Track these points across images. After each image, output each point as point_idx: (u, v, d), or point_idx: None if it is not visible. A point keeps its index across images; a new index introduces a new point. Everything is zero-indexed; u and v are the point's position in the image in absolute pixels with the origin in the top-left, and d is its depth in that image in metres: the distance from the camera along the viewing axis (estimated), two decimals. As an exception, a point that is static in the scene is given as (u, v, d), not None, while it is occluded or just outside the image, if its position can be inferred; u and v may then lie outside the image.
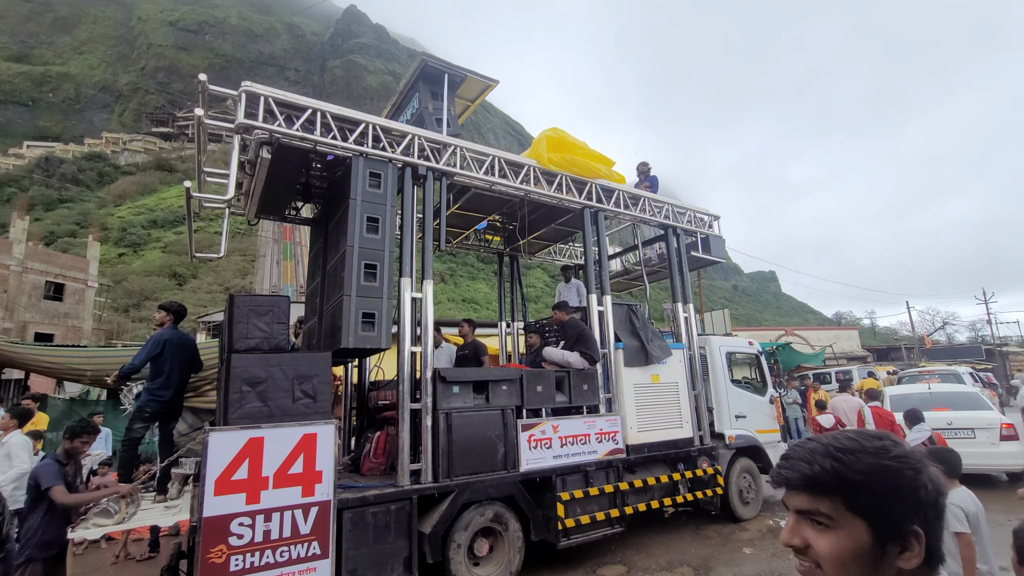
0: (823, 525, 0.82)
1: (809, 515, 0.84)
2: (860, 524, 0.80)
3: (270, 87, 4.67)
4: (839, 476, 0.81)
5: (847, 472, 0.81)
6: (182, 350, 5.32)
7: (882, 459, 0.82)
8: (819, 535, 0.83)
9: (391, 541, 4.34)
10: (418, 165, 5.36)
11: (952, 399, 8.75)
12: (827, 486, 0.82)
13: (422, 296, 5.11)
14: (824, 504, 0.82)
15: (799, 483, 0.85)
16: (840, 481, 0.81)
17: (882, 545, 0.80)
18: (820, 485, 0.83)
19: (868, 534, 0.80)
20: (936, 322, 53.49)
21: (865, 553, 0.80)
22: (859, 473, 0.81)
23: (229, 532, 3.63)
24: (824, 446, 0.85)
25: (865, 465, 0.81)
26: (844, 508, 0.81)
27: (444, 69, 6.24)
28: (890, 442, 0.85)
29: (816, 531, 0.83)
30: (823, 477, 0.82)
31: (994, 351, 34.32)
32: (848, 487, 0.81)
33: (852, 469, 0.81)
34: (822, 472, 0.82)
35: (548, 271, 48.34)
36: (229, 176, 4.58)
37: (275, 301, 4.36)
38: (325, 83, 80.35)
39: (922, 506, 0.80)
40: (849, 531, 0.80)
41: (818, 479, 0.83)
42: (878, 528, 0.80)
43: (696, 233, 8.04)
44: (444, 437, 4.81)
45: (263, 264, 34.78)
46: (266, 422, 3.94)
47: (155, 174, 56.72)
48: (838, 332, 40.06)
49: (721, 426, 7.22)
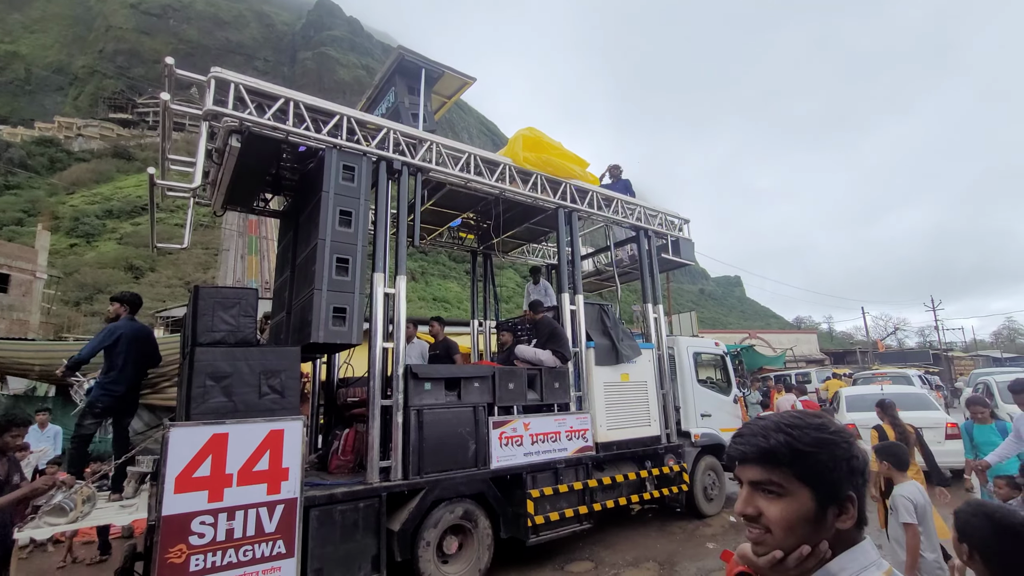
0: (775, 494, 0.91)
1: (762, 485, 0.93)
2: (806, 491, 0.90)
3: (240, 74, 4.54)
4: (791, 448, 0.91)
5: (797, 444, 0.91)
6: (138, 342, 5.09)
7: (823, 433, 0.92)
8: (771, 503, 0.92)
9: (359, 539, 4.27)
10: (393, 159, 5.30)
11: (902, 400, 9.17)
12: (780, 457, 0.91)
13: (395, 292, 5.05)
14: (776, 474, 0.91)
15: (755, 456, 0.94)
16: (792, 452, 0.90)
17: (824, 509, 0.90)
18: (774, 457, 0.92)
19: (812, 500, 0.89)
20: (888, 327, 56.14)
21: (810, 517, 0.89)
22: (807, 445, 0.90)
23: (189, 531, 3.51)
24: (775, 423, 0.95)
25: (811, 438, 0.91)
26: (793, 477, 0.90)
27: (421, 64, 6.20)
28: (827, 419, 0.96)
29: (768, 500, 0.92)
30: (777, 449, 0.91)
31: (940, 356, 36.25)
32: (797, 457, 0.90)
33: (801, 442, 0.91)
34: (777, 445, 0.92)
35: (520, 271, 48.49)
36: (196, 164, 4.43)
37: (242, 294, 4.23)
38: (296, 75, 78.43)
39: (855, 473, 0.91)
40: (797, 497, 0.90)
41: (773, 451, 0.92)
42: (821, 494, 0.90)
43: (667, 236, 8.21)
44: (415, 434, 4.77)
45: (226, 258, 33.72)
46: (231, 418, 3.82)
47: (112, 161, 54.19)
48: (798, 336, 41.59)
49: (687, 424, 7.40)
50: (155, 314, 21.78)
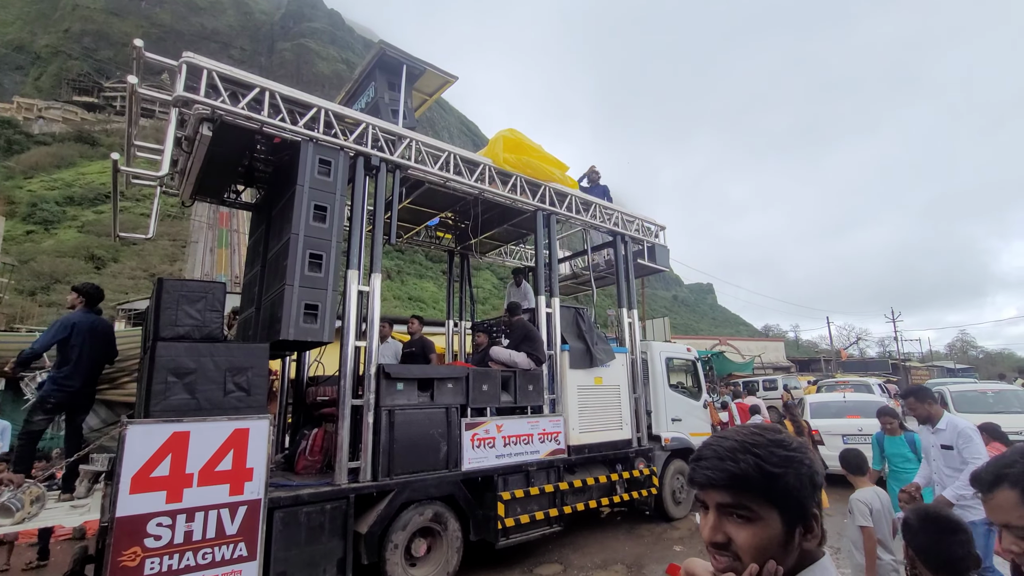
0: (745, 519, 0.87)
1: (731, 509, 0.88)
2: (774, 513, 0.87)
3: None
4: (760, 470, 0.87)
5: (766, 466, 0.87)
6: (94, 336, 4.88)
7: (787, 450, 0.89)
8: (740, 528, 0.87)
9: (325, 542, 4.17)
10: (371, 155, 5.21)
11: (863, 407, 9.65)
12: (751, 481, 0.87)
13: (369, 290, 4.97)
14: (746, 497, 0.87)
15: (724, 481, 0.89)
16: (762, 475, 0.87)
17: (791, 530, 0.87)
18: (745, 481, 0.87)
19: (781, 522, 0.87)
20: (851, 337, 58.14)
21: (779, 539, 0.87)
22: (775, 465, 0.87)
23: (145, 533, 3.36)
24: (740, 443, 0.90)
25: (778, 457, 0.88)
26: (763, 500, 0.87)
27: (403, 60, 6.12)
28: (785, 435, 0.93)
29: (737, 525, 0.88)
30: (748, 473, 0.87)
31: (899, 365, 37.70)
32: (768, 480, 0.87)
33: (769, 463, 0.87)
34: (747, 468, 0.87)
35: (497, 273, 48.45)
36: (164, 151, 4.27)
37: (209, 287, 4.09)
38: (273, 65, 76.77)
39: (816, 489, 0.90)
40: (767, 521, 0.87)
41: (744, 475, 0.87)
42: (788, 515, 0.87)
43: (643, 242, 8.31)
44: (386, 435, 4.70)
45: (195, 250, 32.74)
46: (193, 415, 3.69)
47: (74, 146, 51.93)
48: (766, 343, 42.66)
49: (658, 428, 7.49)
50: (117, 306, 20.98)
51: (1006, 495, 1.08)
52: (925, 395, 4.15)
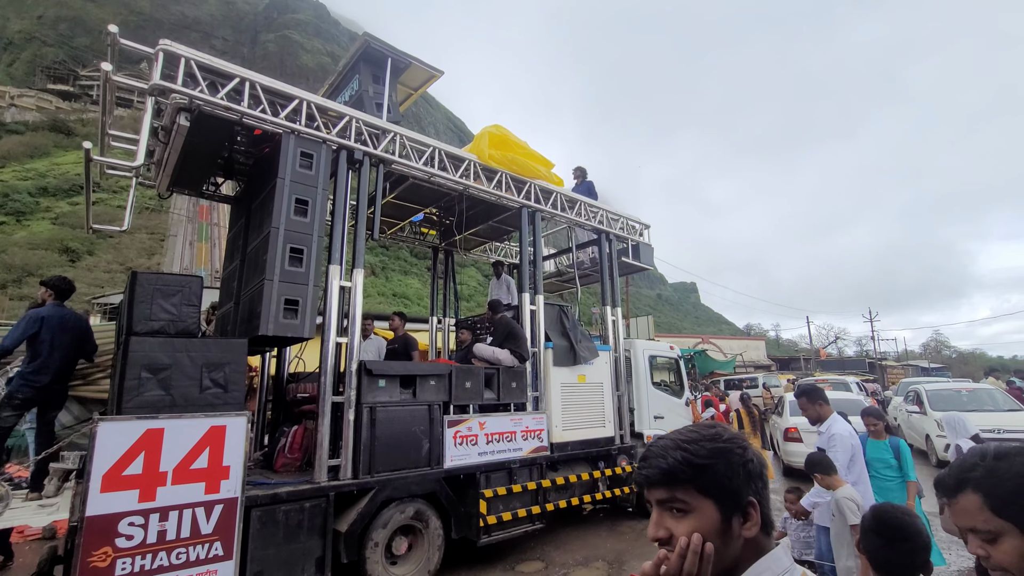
0: (681, 512, 0.93)
1: (668, 504, 0.94)
2: (709, 503, 0.91)
3: (193, 50, 4.29)
4: (689, 463, 0.92)
5: (694, 458, 0.92)
6: (65, 330, 4.74)
7: (718, 443, 0.94)
8: (679, 522, 0.93)
9: (303, 541, 4.11)
10: (354, 149, 5.14)
11: (840, 406, 9.79)
12: (680, 474, 0.92)
13: (351, 285, 4.91)
14: (679, 491, 0.93)
15: (658, 478, 0.95)
16: (690, 467, 0.92)
17: (728, 519, 0.91)
18: (674, 475, 0.93)
19: (717, 511, 0.91)
20: (830, 337, 59.29)
21: (717, 529, 0.90)
22: (703, 457, 0.92)
23: (116, 532, 3.28)
24: (672, 441, 0.97)
25: (707, 450, 0.93)
26: (696, 491, 0.92)
27: (388, 53, 6.04)
28: (721, 429, 0.98)
29: (676, 519, 0.93)
30: (676, 467, 0.93)
31: (875, 364, 38.57)
32: (696, 471, 0.92)
33: (698, 455, 0.92)
34: (675, 463, 0.93)
35: (482, 270, 48.34)
36: (139, 141, 4.16)
37: (186, 281, 3.99)
38: (256, 57, 75.47)
39: (752, 478, 0.94)
40: (702, 512, 0.91)
41: (672, 470, 0.93)
42: (724, 504, 0.91)
43: (628, 240, 8.35)
44: (367, 432, 4.64)
45: (173, 244, 32.11)
46: (168, 412, 3.61)
47: (49, 136, 50.46)
48: (748, 342, 43.31)
49: (641, 426, 7.54)
50: (92, 300, 20.48)
51: (969, 499, 1.07)
52: (816, 395, 4.05)
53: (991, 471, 1.06)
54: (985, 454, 1.10)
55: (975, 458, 1.11)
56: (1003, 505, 1.03)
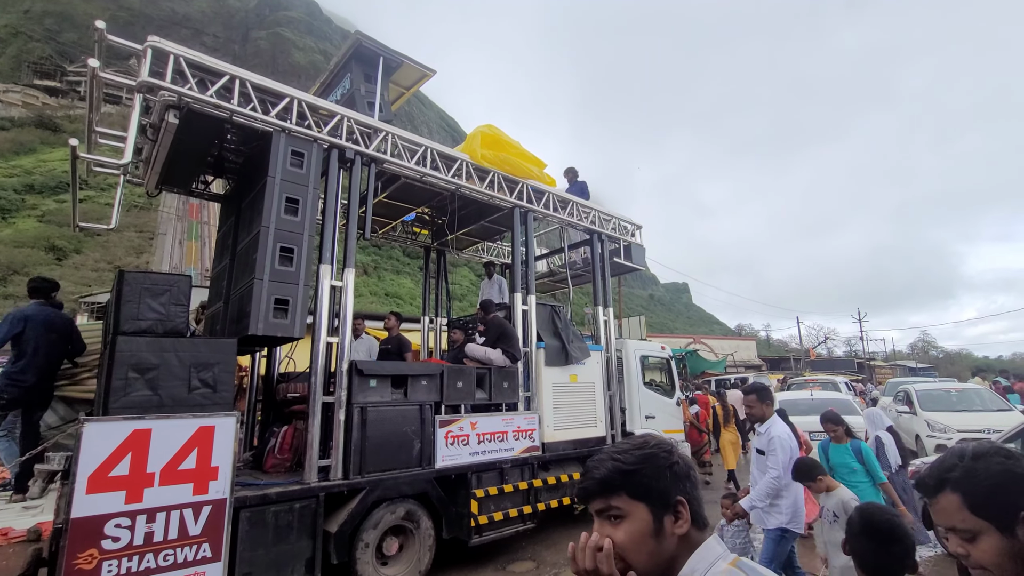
0: (617, 518, 0.99)
1: (606, 513, 1.01)
2: (642, 507, 0.98)
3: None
4: (619, 471, 1.00)
5: (623, 466, 1.00)
6: (49, 329, 4.69)
7: (644, 449, 1.03)
8: (616, 529, 0.99)
9: (293, 542, 4.09)
10: (346, 148, 5.12)
11: (827, 404, 9.98)
12: (613, 482, 1.00)
13: (342, 285, 4.88)
14: (614, 499, 1.00)
15: (594, 488, 1.02)
16: (620, 474, 1.00)
17: (660, 519, 0.98)
18: (608, 483, 1.01)
19: (649, 513, 0.98)
20: (820, 337, 59.86)
21: (650, 530, 0.97)
22: (631, 464, 1.00)
23: (102, 534, 3.24)
24: (606, 454, 1.05)
25: (634, 457, 1.01)
26: (628, 497, 0.99)
27: (379, 51, 6.02)
28: (649, 438, 1.08)
29: (613, 526, 1.00)
30: (608, 476, 1.01)
31: (864, 364, 38.98)
32: (626, 477, 1.00)
33: (626, 463, 1.01)
34: (607, 472, 1.01)
35: (475, 270, 48.27)
36: (127, 139, 4.11)
37: (174, 280, 3.95)
38: (247, 54, 74.79)
39: (679, 478, 1.01)
40: (636, 516, 0.98)
41: (606, 479, 1.01)
42: (655, 505, 0.98)
43: (619, 240, 8.37)
44: (357, 432, 4.63)
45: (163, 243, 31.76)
46: (156, 412, 3.57)
47: (35, 132, 49.67)
48: (739, 342, 43.62)
49: (632, 425, 7.56)
50: (78, 299, 20.22)
51: (949, 499, 1.09)
52: (766, 395, 3.97)
53: (969, 471, 1.08)
54: (963, 454, 1.11)
55: (954, 458, 1.12)
56: (981, 504, 1.04)
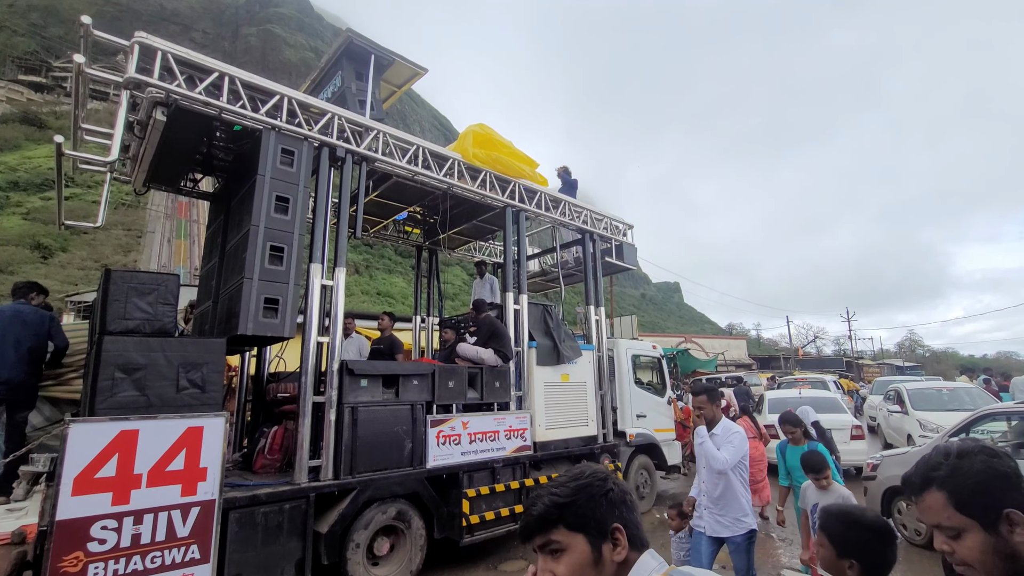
0: (558, 551, 0.99)
1: (547, 548, 1.00)
2: (580, 538, 0.98)
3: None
4: (555, 504, 1.00)
5: (559, 499, 1.00)
6: (23, 324, 4.64)
7: (579, 480, 1.03)
8: (558, 563, 0.99)
9: (283, 543, 4.06)
10: (337, 146, 5.09)
11: (817, 403, 10.06)
12: (551, 516, 1.00)
13: (333, 284, 4.85)
14: (552, 533, 1.00)
15: (534, 524, 1.02)
16: (558, 508, 1.00)
17: (599, 548, 0.98)
18: (546, 518, 1.01)
19: (587, 544, 0.98)
20: (809, 336, 60.45)
21: (590, 560, 0.97)
22: (566, 496, 1.00)
23: (89, 537, 3.21)
24: (544, 489, 1.06)
25: (569, 489, 1.01)
26: (566, 530, 0.99)
27: (371, 49, 5.99)
28: (588, 468, 1.07)
29: (555, 560, 0.99)
30: (546, 511, 1.01)
31: (852, 363, 39.42)
32: (562, 510, 1.00)
33: (562, 496, 1.01)
34: (544, 508, 1.01)
35: (467, 269, 48.18)
36: (114, 136, 4.06)
37: (162, 279, 3.91)
38: (237, 51, 74.06)
39: (614, 504, 1.01)
40: (575, 548, 0.98)
41: (544, 515, 1.01)
42: (592, 535, 0.98)
43: (611, 240, 8.40)
44: (348, 432, 4.60)
45: (151, 241, 31.41)
46: (143, 413, 3.53)
47: (20, 128, 48.84)
48: (729, 341, 43.93)
49: (623, 424, 7.59)
50: (65, 298, 19.95)
51: (934, 497, 1.11)
52: (716, 396, 3.74)
53: (954, 469, 1.09)
54: (949, 453, 1.13)
55: (939, 457, 1.13)
56: (965, 502, 1.06)
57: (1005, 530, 1.03)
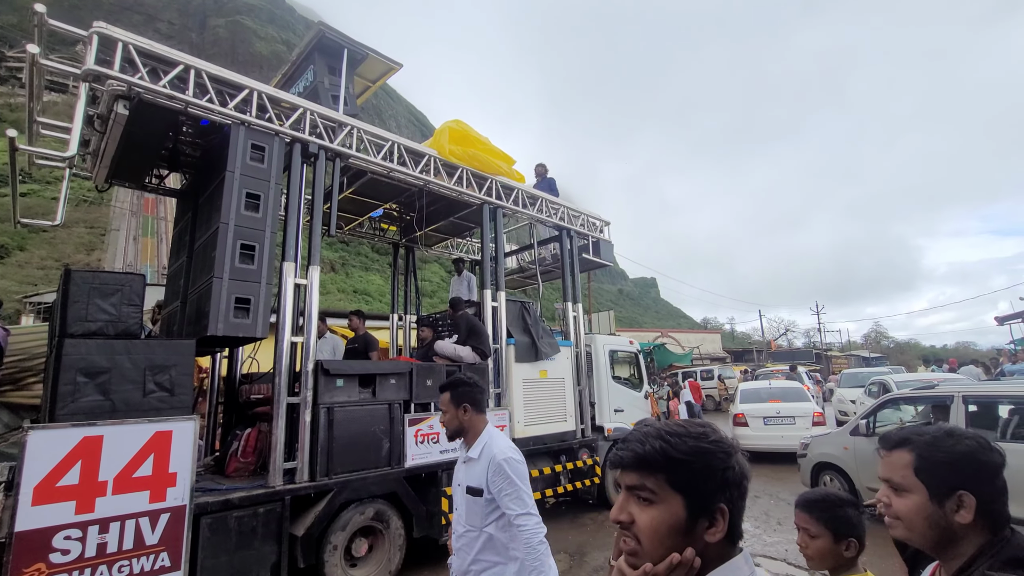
0: (648, 500, 0.90)
1: (636, 491, 0.91)
2: (678, 499, 0.88)
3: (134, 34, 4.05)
4: (665, 455, 0.89)
5: (672, 451, 0.89)
6: None
7: (701, 442, 0.91)
8: (643, 510, 0.90)
9: (257, 547, 3.98)
10: (309, 142, 4.99)
11: (783, 392, 10.93)
12: (654, 464, 0.90)
13: (307, 283, 4.76)
14: (650, 480, 0.90)
15: (631, 462, 0.92)
16: (665, 459, 0.89)
17: (694, 519, 0.88)
18: (648, 463, 0.90)
19: (683, 509, 0.88)
20: (781, 329, 62.00)
21: (679, 526, 0.88)
22: (681, 453, 0.89)
23: (51, 547, 3.09)
24: (657, 430, 0.94)
25: (688, 447, 0.90)
26: (666, 484, 0.89)
27: (344, 43, 5.88)
28: (711, 429, 0.95)
29: (641, 507, 0.91)
30: (651, 455, 0.90)
31: (821, 355, 40.61)
32: (671, 464, 0.89)
33: (676, 449, 0.89)
34: (651, 451, 0.90)
35: (445, 266, 47.89)
36: (72, 130, 3.90)
37: (126, 279, 3.78)
38: (205, 43, 71.83)
39: (728, 485, 0.90)
40: (668, 505, 0.89)
41: (647, 457, 0.91)
42: (692, 503, 0.88)
43: (588, 236, 8.45)
44: (324, 433, 4.53)
45: (116, 239, 30.32)
46: (108, 418, 3.42)
47: (-28, 122, 46.63)
48: (704, 335, 44.78)
49: (601, 419, 7.67)
50: (23, 299, 19.14)
51: (901, 455, 1.16)
52: (467, 395, 2.55)
53: (935, 440, 1.15)
54: (940, 429, 1.18)
55: (932, 428, 1.19)
56: (926, 469, 1.12)
57: (951, 507, 1.08)
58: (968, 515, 1.06)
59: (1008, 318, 20.56)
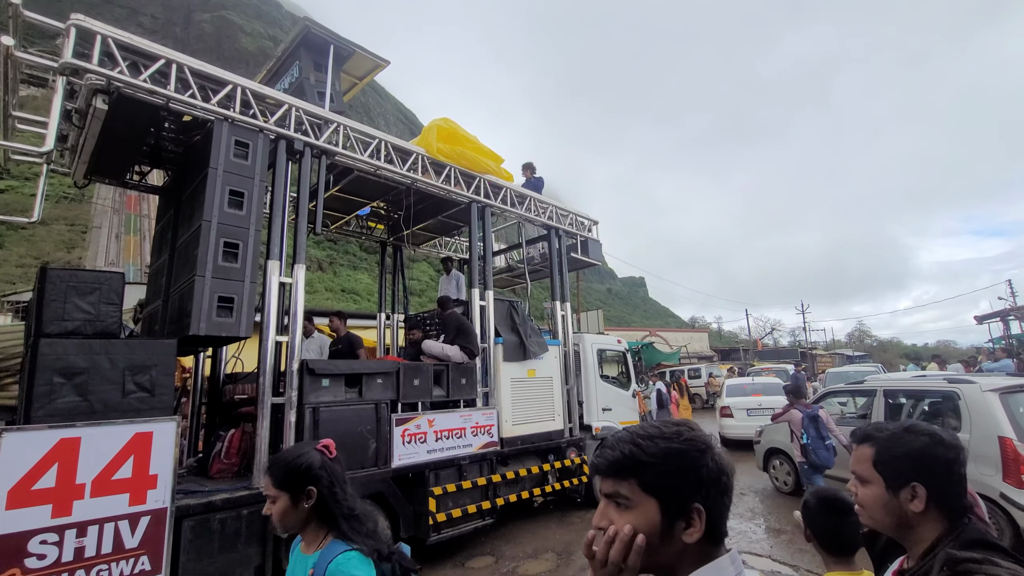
0: (623, 506, 0.89)
1: (613, 497, 0.91)
2: (652, 503, 0.87)
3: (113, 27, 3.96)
4: (634, 459, 0.89)
5: (641, 455, 0.89)
6: None
7: (672, 442, 0.89)
8: (620, 515, 0.89)
9: (240, 549, 3.93)
10: (294, 139, 4.93)
11: (764, 387, 11.91)
12: (625, 468, 0.89)
13: (292, 281, 4.71)
14: (623, 486, 0.89)
15: (605, 468, 0.92)
16: (635, 463, 0.89)
17: (670, 522, 0.87)
18: (620, 468, 0.90)
19: (658, 512, 0.87)
20: (767, 328, 62.71)
21: (656, 530, 0.87)
22: (651, 455, 0.88)
23: (26, 552, 3.01)
24: (630, 434, 0.93)
25: (657, 448, 0.88)
26: (639, 488, 0.88)
27: (330, 40, 5.82)
28: (685, 428, 0.92)
29: (618, 512, 0.90)
30: (622, 461, 0.90)
31: (806, 353, 41.15)
32: (641, 468, 0.88)
33: (646, 452, 0.88)
34: (622, 456, 0.90)
35: (434, 265, 47.66)
36: (49, 125, 3.80)
37: (104, 278, 3.70)
38: (190, 38, 70.66)
39: (703, 483, 0.88)
40: (643, 509, 0.88)
41: (618, 463, 0.90)
42: (667, 505, 0.87)
43: (577, 236, 8.46)
44: (309, 434, 4.48)
45: (97, 237, 29.75)
46: (86, 419, 3.34)
47: (-53, 116, 45.46)
48: (692, 334, 45.15)
49: (589, 418, 7.69)
50: (1, 298, 18.70)
51: (863, 450, 1.28)
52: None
53: (894, 437, 1.24)
54: (902, 425, 1.27)
55: (894, 425, 1.28)
56: (883, 463, 1.23)
57: (905, 497, 1.18)
58: (920, 504, 1.16)
59: (987, 317, 21.06)
